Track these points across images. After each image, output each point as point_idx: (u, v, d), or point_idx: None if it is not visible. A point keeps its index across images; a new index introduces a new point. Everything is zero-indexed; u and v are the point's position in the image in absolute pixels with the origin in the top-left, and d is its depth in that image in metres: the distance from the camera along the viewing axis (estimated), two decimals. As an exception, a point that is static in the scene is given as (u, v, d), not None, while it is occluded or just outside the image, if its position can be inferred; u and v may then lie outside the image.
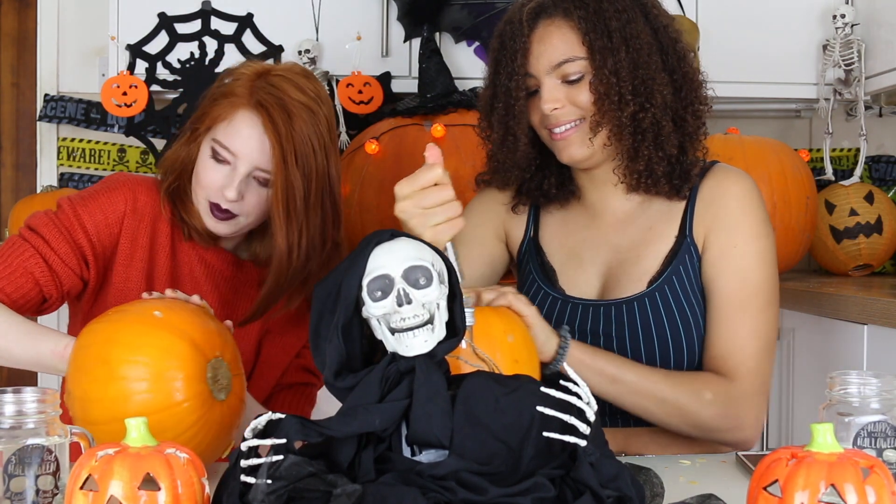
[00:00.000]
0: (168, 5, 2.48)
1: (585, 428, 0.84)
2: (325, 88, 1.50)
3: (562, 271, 1.46)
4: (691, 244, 1.38)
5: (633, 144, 1.36)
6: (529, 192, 1.50)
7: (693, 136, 1.39)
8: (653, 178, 1.38)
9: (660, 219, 1.41)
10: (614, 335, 1.37)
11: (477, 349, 1.00)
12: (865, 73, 2.46)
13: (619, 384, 1.29)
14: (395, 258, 0.89)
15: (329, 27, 2.49)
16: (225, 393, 1.10)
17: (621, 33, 1.33)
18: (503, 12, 1.47)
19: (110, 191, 1.46)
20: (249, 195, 1.42)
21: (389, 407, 0.85)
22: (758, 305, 1.35)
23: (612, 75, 1.32)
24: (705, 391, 1.30)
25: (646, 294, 1.37)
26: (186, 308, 1.14)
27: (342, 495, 0.77)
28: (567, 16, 1.35)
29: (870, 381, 0.98)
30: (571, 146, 1.38)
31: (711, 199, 1.39)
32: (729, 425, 1.31)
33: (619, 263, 1.41)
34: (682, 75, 1.37)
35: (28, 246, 1.40)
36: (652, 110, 1.33)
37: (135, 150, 2.83)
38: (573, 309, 1.41)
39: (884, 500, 0.75)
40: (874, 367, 1.82)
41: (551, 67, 1.36)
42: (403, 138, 2.21)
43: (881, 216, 2.43)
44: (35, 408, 0.91)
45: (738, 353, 1.33)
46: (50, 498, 0.91)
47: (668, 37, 1.38)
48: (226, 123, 1.41)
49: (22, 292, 1.38)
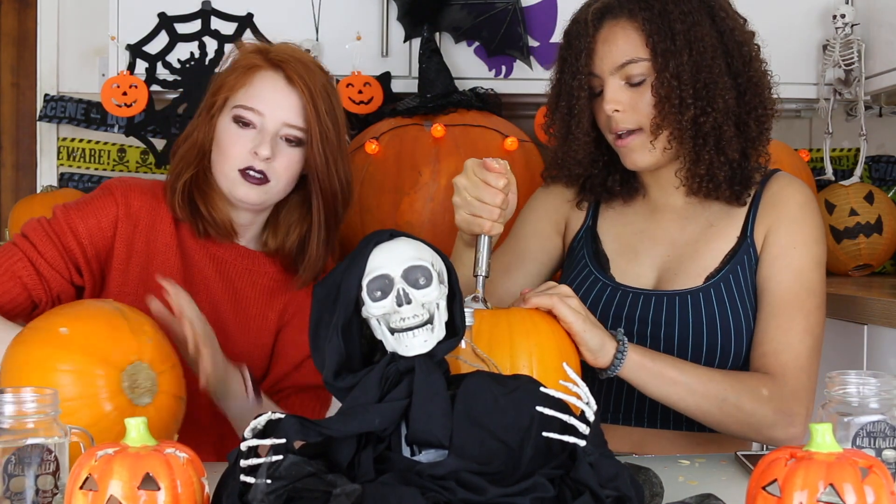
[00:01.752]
0: (168, 5, 2.48)
1: (585, 428, 0.84)
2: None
3: (615, 260, 1.46)
4: (751, 245, 1.39)
5: (695, 148, 1.36)
6: (593, 188, 1.50)
7: (756, 141, 1.39)
8: (714, 183, 1.38)
9: (721, 217, 1.42)
10: (663, 324, 1.37)
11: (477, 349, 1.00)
12: (865, 73, 2.46)
13: (679, 386, 1.28)
14: (395, 258, 0.89)
15: (329, 27, 2.49)
16: (150, 395, 1.09)
17: (685, 36, 1.33)
18: (503, 12, 1.48)
19: (103, 196, 1.46)
20: (280, 157, 1.43)
21: (389, 407, 0.85)
22: (811, 306, 1.36)
23: (674, 78, 1.32)
24: (762, 388, 1.30)
25: (701, 289, 1.37)
26: (96, 316, 1.12)
27: (342, 495, 0.77)
28: (632, 17, 1.35)
29: (869, 381, 0.98)
30: (634, 153, 1.38)
31: (774, 203, 1.39)
32: (784, 422, 1.31)
33: (677, 258, 1.42)
34: (746, 79, 1.37)
35: (17, 250, 1.41)
36: (713, 115, 1.33)
37: (135, 150, 2.83)
38: (623, 296, 1.41)
39: (882, 500, 0.75)
40: (874, 367, 1.82)
41: (615, 68, 1.36)
42: (403, 138, 2.20)
43: (881, 216, 2.43)
44: (35, 408, 0.91)
45: (790, 349, 1.33)
46: (50, 498, 0.91)
47: (735, 40, 1.37)
48: (246, 87, 1.42)
49: (10, 296, 1.38)
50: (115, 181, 1.50)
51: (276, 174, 1.43)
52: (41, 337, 1.09)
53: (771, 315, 1.35)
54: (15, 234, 1.45)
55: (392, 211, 2.14)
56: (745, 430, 1.32)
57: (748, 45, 1.39)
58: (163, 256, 1.47)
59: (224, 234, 1.49)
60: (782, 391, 1.31)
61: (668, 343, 1.36)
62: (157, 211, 1.48)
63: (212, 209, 1.46)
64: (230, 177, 1.43)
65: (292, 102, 1.42)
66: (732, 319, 1.35)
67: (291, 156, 1.44)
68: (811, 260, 1.37)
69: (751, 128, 1.38)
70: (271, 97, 1.42)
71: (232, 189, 1.43)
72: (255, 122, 1.42)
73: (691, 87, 1.32)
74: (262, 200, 1.45)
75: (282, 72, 1.43)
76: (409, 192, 2.13)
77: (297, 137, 1.43)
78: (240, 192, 1.43)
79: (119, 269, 1.45)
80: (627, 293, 1.41)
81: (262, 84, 1.42)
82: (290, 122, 1.42)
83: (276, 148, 1.42)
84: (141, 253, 1.46)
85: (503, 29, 2.40)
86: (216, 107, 1.45)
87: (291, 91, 1.42)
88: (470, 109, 2.28)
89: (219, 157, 1.44)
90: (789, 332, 1.34)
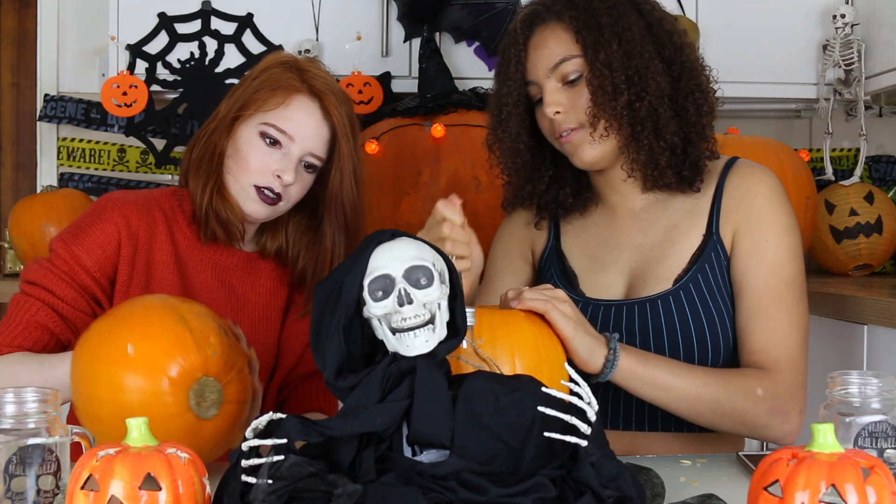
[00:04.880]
0: (168, 5, 2.48)
1: (586, 428, 0.84)
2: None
3: (583, 275, 1.45)
4: (718, 242, 1.38)
5: (633, 134, 1.36)
6: (546, 205, 1.50)
7: (696, 125, 1.38)
8: (658, 170, 1.38)
9: (683, 217, 1.41)
10: (638, 333, 1.36)
11: (478, 349, 1.00)
12: (865, 73, 2.46)
13: (672, 391, 1.27)
14: (397, 258, 0.89)
15: (329, 27, 2.49)
16: (216, 407, 1.08)
17: (613, 28, 1.35)
18: (503, 12, 1.48)
19: (102, 221, 1.42)
20: (297, 182, 1.45)
21: (390, 407, 0.85)
22: (793, 298, 1.34)
23: (605, 67, 1.33)
24: (756, 387, 1.29)
25: (671, 292, 1.36)
26: (161, 333, 1.08)
27: (343, 495, 0.77)
28: (560, 18, 1.37)
29: (870, 381, 0.98)
30: (578, 148, 1.38)
31: (739, 197, 1.38)
32: (778, 420, 1.30)
33: (644, 263, 1.41)
34: (679, 65, 1.38)
35: (33, 300, 1.38)
36: (647, 98, 1.34)
37: (135, 150, 2.83)
38: (594, 310, 1.40)
39: (884, 500, 0.75)
40: (874, 367, 1.82)
41: (549, 70, 1.37)
42: (403, 138, 2.21)
43: (881, 216, 2.43)
44: (36, 408, 0.91)
45: (779, 345, 1.32)
46: (51, 498, 0.91)
47: (663, 29, 1.38)
48: (282, 108, 1.43)
49: (41, 345, 1.36)
50: (106, 200, 1.46)
51: (289, 196, 1.45)
52: (109, 354, 1.07)
53: (753, 313, 1.34)
54: (21, 284, 1.41)
55: (392, 211, 2.14)
56: (739, 430, 1.32)
57: (677, 35, 1.40)
58: (161, 273, 1.46)
59: (233, 237, 1.49)
60: (778, 388, 1.30)
61: (646, 350, 1.35)
62: (152, 227, 1.46)
63: (230, 213, 1.46)
64: (245, 189, 1.44)
65: (324, 134, 1.45)
66: (706, 320, 1.35)
67: (306, 180, 1.47)
68: (786, 251, 1.36)
69: (689, 111, 1.37)
70: (306, 126, 1.43)
71: (243, 201, 1.44)
72: (283, 144, 1.43)
73: (623, 74, 1.33)
74: (268, 216, 1.47)
75: (319, 102, 1.44)
76: (409, 192, 2.13)
77: (316, 165, 1.47)
78: (250, 207, 1.44)
79: (121, 289, 1.43)
80: (598, 307, 1.40)
81: (299, 110, 1.43)
82: (316, 152, 1.45)
83: (297, 173, 1.44)
84: (141, 272, 1.44)
85: (503, 29, 2.40)
86: (241, 119, 1.45)
87: (324, 123, 1.45)
88: (470, 109, 2.28)
89: (237, 167, 1.44)
90: (775, 330, 1.33)
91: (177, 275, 1.46)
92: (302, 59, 1.50)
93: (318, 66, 1.50)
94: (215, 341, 1.11)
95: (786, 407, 1.30)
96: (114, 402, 1.03)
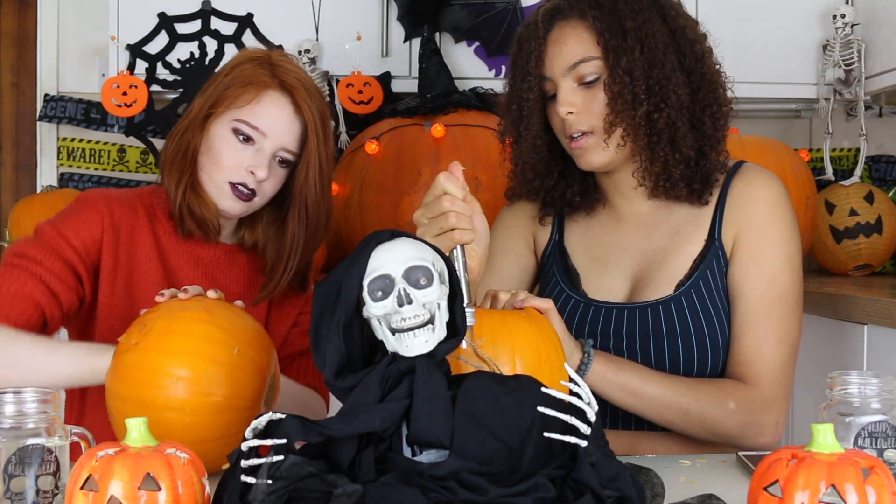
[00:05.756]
0: (168, 5, 2.48)
1: (586, 428, 0.84)
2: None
3: (585, 275, 1.45)
4: (720, 248, 1.37)
5: (649, 145, 1.34)
6: (553, 201, 1.49)
7: (712, 138, 1.37)
8: (671, 182, 1.37)
9: (687, 221, 1.40)
10: (638, 337, 1.36)
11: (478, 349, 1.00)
12: (865, 73, 2.46)
13: (642, 398, 1.28)
14: (396, 258, 0.89)
15: (329, 27, 2.49)
16: (271, 401, 1.14)
17: (636, 33, 1.32)
18: (503, 12, 1.47)
19: (87, 209, 1.44)
20: (271, 177, 1.45)
21: (390, 407, 0.85)
22: (784, 311, 1.34)
23: (626, 74, 1.31)
24: (729, 401, 1.29)
25: (672, 298, 1.35)
26: (213, 359, 1.08)
27: (342, 495, 0.77)
28: (582, 16, 1.35)
29: (870, 381, 0.98)
30: (587, 153, 1.36)
31: (741, 203, 1.37)
32: (751, 433, 1.30)
33: (647, 267, 1.40)
34: (699, 76, 1.36)
35: (20, 271, 1.37)
36: (667, 111, 1.32)
37: (135, 150, 2.83)
38: (596, 312, 1.40)
39: (884, 501, 0.75)
40: (874, 367, 1.82)
41: (567, 69, 1.35)
42: (403, 138, 2.21)
43: (881, 216, 2.43)
44: (35, 408, 0.91)
45: (764, 359, 1.32)
46: (50, 498, 0.91)
47: (686, 38, 1.36)
48: (253, 104, 1.43)
49: (25, 317, 1.35)
50: (91, 193, 1.48)
51: (263, 192, 1.46)
52: (161, 384, 1.05)
53: (745, 324, 1.34)
54: (9, 256, 1.40)
55: (392, 211, 2.14)
56: (712, 438, 1.32)
57: (700, 43, 1.38)
58: (144, 267, 1.47)
59: (209, 232, 1.49)
60: (752, 403, 1.30)
61: (645, 355, 1.35)
62: (135, 221, 1.47)
63: (204, 209, 1.46)
64: (219, 186, 1.44)
65: (295, 129, 1.45)
66: (707, 327, 1.34)
67: (280, 175, 1.47)
68: (783, 262, 1.35)
69: (706, 125, 1.36)
70: (277, 121, 1.43)
71: (218, 198, 1.45)
72: (256, 140, 1.43)
73: (644, 84, 1.31)
74: (243, 212, 1.48)
75: (290, 97, 1.44)
76: (409, 192, 2.13)
77: (289, 160, 1.47)
78: (225, 204, 1.45)
79: (107, 280, 1.43)
80: (600, 308, 1.40)
81: (271, 106, 1.43)
82: (289, 147, 1.45)
83: (270, 169, 1.44)
84: (124, 264, 1.45)
85: (503, 29, 2.40)
86: (213, 116, 1.45)
87: (296, 118, 1.45)
88: (470, 109, 2.29)
89: (210, 164, 1.45)
90: (763, 343, 1.33)
91: (160, 268, 1.48)
92: (274, 53, 1.50)
93: (290, 60, 1.50)
94: (268, 342, 1.17)
95: (759, 420, 1.31)
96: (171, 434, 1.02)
